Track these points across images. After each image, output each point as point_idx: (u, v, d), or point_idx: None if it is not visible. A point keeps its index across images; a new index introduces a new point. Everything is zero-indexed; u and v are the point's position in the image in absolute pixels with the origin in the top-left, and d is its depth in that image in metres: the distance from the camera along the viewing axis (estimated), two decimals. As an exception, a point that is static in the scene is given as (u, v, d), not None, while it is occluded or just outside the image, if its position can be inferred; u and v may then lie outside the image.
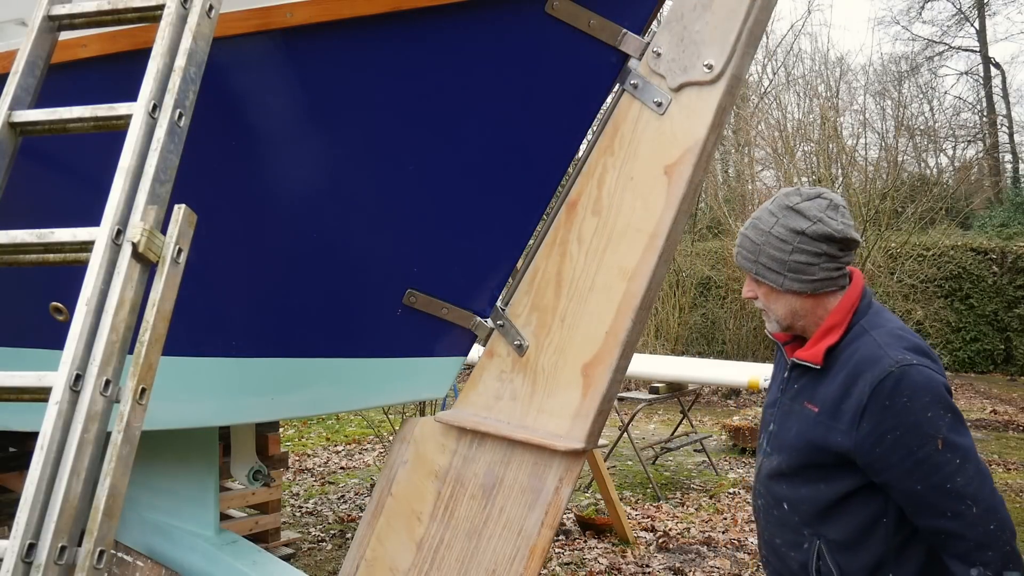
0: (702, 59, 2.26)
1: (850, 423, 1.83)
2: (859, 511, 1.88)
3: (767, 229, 1.96)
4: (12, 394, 1.93)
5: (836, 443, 1.86)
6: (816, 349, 1.95)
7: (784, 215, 1.95)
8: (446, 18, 2.39)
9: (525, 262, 2.63)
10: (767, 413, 2.15)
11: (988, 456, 8.25)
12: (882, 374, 1.80)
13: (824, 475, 1.91)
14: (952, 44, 25.98)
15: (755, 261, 1.97)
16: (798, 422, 1.97)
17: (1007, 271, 14.56)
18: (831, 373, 1.91)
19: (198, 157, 2.32)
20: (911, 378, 1.79)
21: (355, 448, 8.96)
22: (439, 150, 2.56)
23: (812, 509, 1.93)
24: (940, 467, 1.75)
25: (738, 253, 2.02)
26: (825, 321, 1.97)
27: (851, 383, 1.85)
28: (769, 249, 1.95)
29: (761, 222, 1.98)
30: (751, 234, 1.99)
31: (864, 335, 1.91)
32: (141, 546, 3.49)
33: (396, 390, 2.87)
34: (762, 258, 1.96)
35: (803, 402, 1.97)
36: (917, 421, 1.77)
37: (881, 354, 1.84)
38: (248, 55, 2.52)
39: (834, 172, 12.77)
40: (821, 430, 1.89)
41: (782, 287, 1.96)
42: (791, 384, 2.04)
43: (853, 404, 1.83)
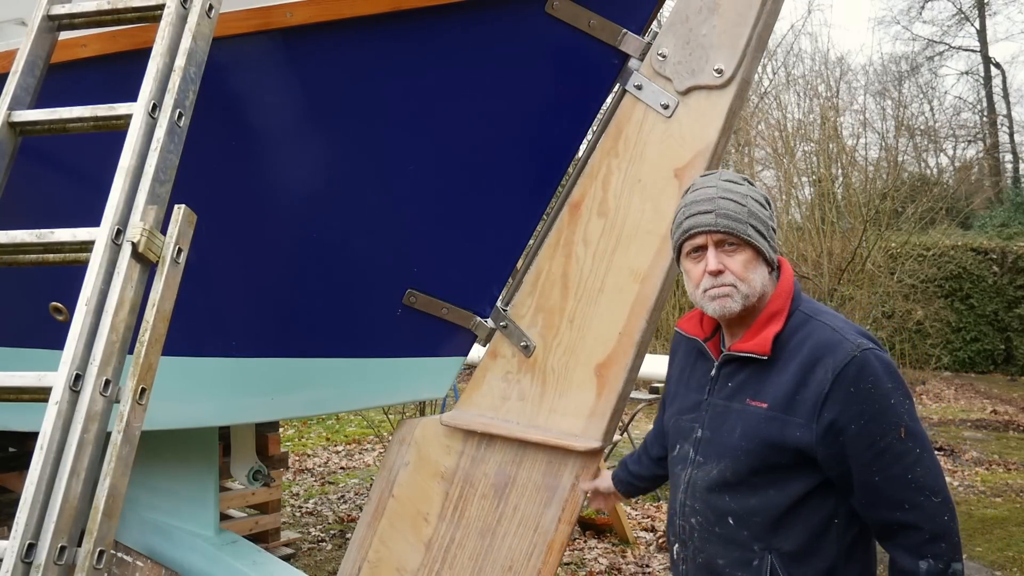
0: (711, 63, 2.27)
1: (809, 415, 1.69)
2: (813, 515, 1.74)
3: (744, 192, 1.80)
4: (12, 394, 1.93)
5: (794, 439, 1.70)
6: (761, 338, 1.78)
7: (742, 183, 1.83)
8: (446, 18, 2.39)
9: (525, 262, 2.63)
10: (683, 420, 1.93)
11: (988, 456, 8.25)
12: (845, 359, 1.68)
13: (776, 479, 1.74)
14: (952, 44, 26.00)
15: (744, 222, 1.77)
16: (742, 422, 1.77)
17: (1007, 271, 14.56)
18: (778, 364, 1.76)
19: (198, 157, 2.32)
20: (873, 363, 1.68)
21: (355, 448, 8.96)
22: (439, 150, 2.56)
23: (764, 520, 1.75)
24: (901, 457, 1.66)
25: (719, 214, 1.76)
26: (766, 307, 1.81)
27: (807, 371, 1.71)
28: (757, 211, 1.79)
29: (735, 187, 1.80)
30: (732, 196, 1.78)
31: (810, 321, 1.79)
32: (141, 546, 3.49)
33: (396, 390, 2.86)
34: (752, 220, 1.78)
35: (745, 400, 1.78)
36: (882, 408, 1.66)
37: (839, 338, 1.72)
38: (248, 55, 2.52)
39: (834, 172, 12.76)
40: (775, 427, 1.72)
41: (767, 254, 1.81)
42: (723, 383, 1.85)
43: (812, 394, 1.69)
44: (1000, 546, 5.61)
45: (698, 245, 1.81)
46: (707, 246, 1.79)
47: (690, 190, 1.86)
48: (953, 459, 8.11)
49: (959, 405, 11.49)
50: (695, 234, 1.80)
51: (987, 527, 6.04)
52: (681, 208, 1.85)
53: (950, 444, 8.64)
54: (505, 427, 2.56)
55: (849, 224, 12.01)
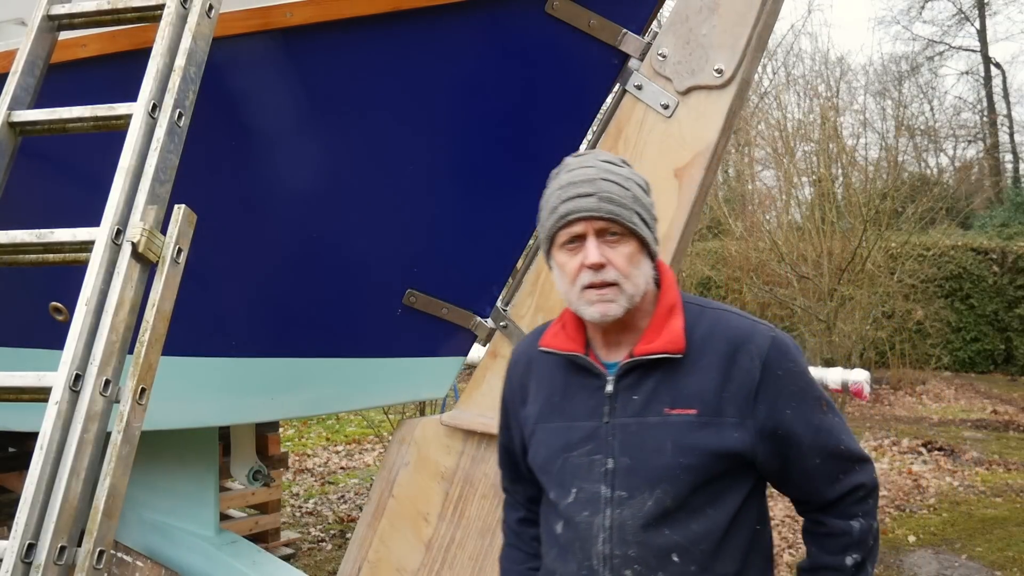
0: (711, 63, 2.27)
1: (742, 411, 1.52)
2: (745, 528, 1.57)
3: (626, 175, 1.58)
4: (12, 394, 1.93)
5: (732, 441, 1.52)
6: (670, 334, 1.56)
7: (622, 164, 1.61)
8: (446, 18, 2.39)
9: (525, 262, 2.63)
10: (574, 457, 1.58)
11: (988, 456, 8.25)
12: (766, 343, 1.55)
13: (714, 495, 1.53)
14: (952, 44, 26.01)
15: (630, 208, 1.54)
16: (671, 437, 1.52)
17: (1007, 271, 14.55)
18: (691, 362, 1.55)
19: (198, 157, 2.32)
20: (787, 342, 1.59)
21: (355, 448, 8.96)
22: (438, 150, 2.56)
23: (708, 547, 1.52)
24: (831, 430, 1.57)
25: (602, 197, 1.52)
26: (661, 300, 1.61)
27: (729, 364, 1.53)
28: (641, 196, 1.57)
29: (612, 166, 1.57)
30: (614, 178, 1.55)
31: (705, 310, 1.62)
32: (141, 546, 3.49)
33: (396, 390, 2.87)
34: (638, 206, 1.56)
35: (662, 410, 1.54)
36: (805, 386, 1.56)
37: (751, 323, 1.59)
38: (248, 55, 2.52)
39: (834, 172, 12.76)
40: (711, 433, 1.51)
41: (652, 246, 1.60)
42: (626, 397, 1.57)
43: (741, 387, 1.53)
44: (1000, 546, 5.61)
45: (576, 234, 1.54)
46: (587, 235, 1.53)
47: (563, 170, 1.61)
48: (953, 459, 8.11)
49: (959, 405, 11.48)
50: (573, 220, 1.54)
51: (987, 527, 6.04)
52: (554, 191, 1.59)
53: (950, 444, 8.63)
54: (505, 427, 2.56)
55: (849, 224, 12.01)
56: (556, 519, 1.61)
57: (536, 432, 1.67)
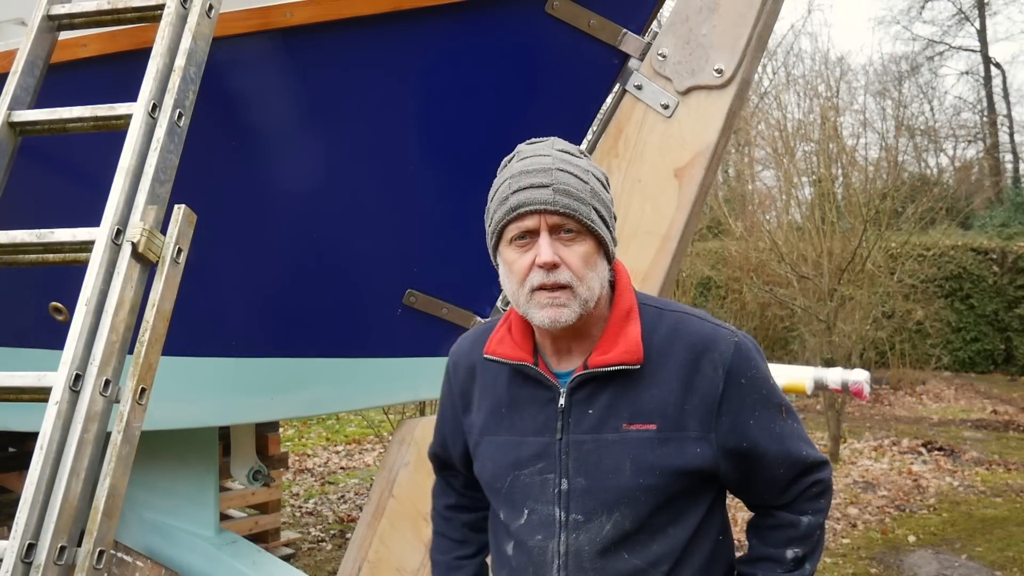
0: (711, 63, 2.27)
1: (704, 423, 1.42)
2: (707, 541, 1.49)
3: (585, 166, 1.44)
4: (12, 394, 1.93)
5: (695, 458, 1.41)
6: (627, 343, 1.43)
7: (580, 155, 1.47)
8: (446, 18, 2.39)
9: (525, 262, 2.62)
10: (525, 476, 1.47)
11: (988, 456, 8.25)
12: (729, 349, 1.43)
13: (675, 514, 1.44)
14: (952, 44, 26.02)
15: (588, 203, 1.40)
16: (630, 455, 1.41)
17: (1007, 271, 14.55)
18: (649, 372, 1.43)
19: (198, 157, 2.32)
20: (749, 346, 1.47)
21: (355, 448, 8.96)
22: (438, 150, 2.56)
23: (670, 566, 1.43)
24: (790, 435, 1.48)
25: (558, 189, 1.38)
26: (616, 304, 1.47)
27: (691, 373, 1.42)
28: (599, 190, 1.44)
29: (569, 161, 1.42)
30: (571, 169, 1.41)
31: (664, 313, 1.49)
32: (141, 546, 3.49)
33: (396, 390, 2.87)
34: (596, 201, 1.42)
35: (619, 425, 1.42)
36: (767, 392, 1.47)
37: (712, 327, 1.47)
38: (248, 55, 2.52)
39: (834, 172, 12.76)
40: (672, 450, 1.40)
41: (611, 245, 1.46)
42: (580, 411, 1.44)
43: (703, 398, 1.42)
44: (1000, 546, 5.61)
45: (527, 229, 1.40)
46: (539, 230, 1.39)
47: (515, 157, 1.47)
48: (953, 459, 8.11)
49: (959, 405, 11.48)
50: (525, 214, 1.39)
51: (987, 527, 6.04)
52: (505, 180, 1.44)
53: (950, 444, 8.63)
54: (505, 427, 2.56)
55: (849, 224, 12.01)
56: (506, 539, 1.51)
57: (482, 445, 1.55)
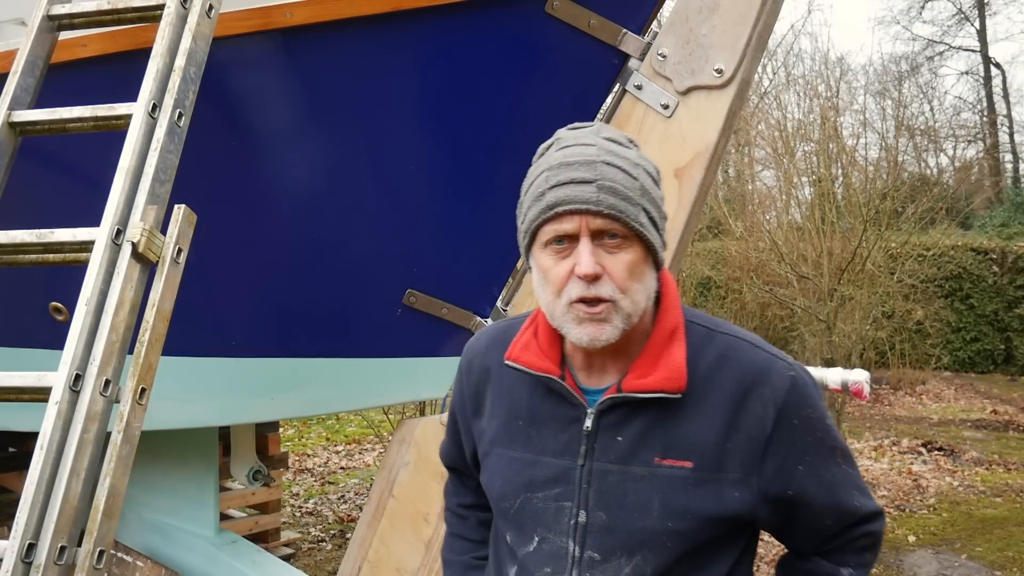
0: (711, 63, 2.27)
1: (746, 466, 1.24)
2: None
3: (635, 159, 1.24)
4: (12, 394, 1.93)
5: (732, 502, 1.24)
6: (669, 368, 1.24)
7: (630, 145, 1.28)
8: (446, 18, 2.39)
9: (525, 263, 2.62)
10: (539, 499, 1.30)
11: (988, 456, 8.25)
12: (784, 385, 1.25)
13: (704, 562, 1.27)
14: (952, 44, 26.03)
15: (637, 203, 1.20)
16: (659, 493, 1.23)
17: (1007, 271, 14.55)
18: (691, 401, 1.25)
19: (198, 157, 2.32)
20: (807, 382, 1.29)
21: (355, 448, 8.96)
22: (438, 150, 2.56)
23: None
24: (844, 483, 1.31)
25: (603, 186, 1.19)
26: (660, 321, 1.29)
27: (737, 407, 1.24)
28: (650, 187, 1.24)
29: (617, 153, 1.22)
30: (619, 162, 1.21)
31: (714, 336, 1.30)
32: (141, 546, 3.49)
33: (396, 390, 2.86)
34: (646, 201, 1.22)
35: (651, 459, 1.25)
36: (822, 436, 1.29)
37: (767, 358, 1.28)
38: (248, 55, 2.52)
39: (834, 172, 12.76)
40: (709, 493, 1.23)
41: (661, 251, 1.27)
42: (608, 437, 1.27)
43: (748, 438, 1.24)
44: (1000, 546, 5.61)
45: (565, 233, 1.22)
46: (579, 235, 1.20)
47: (554, 145, 1.29)
48: (953, 459, 8.11)
49: (959, 405, 11.48)
50: (564, 214, 1.20)
51: (987, 527, 6.04)
52: (542, 172, 1.26)
53: (950, 444, 8.64)
54: (505, 427, 2.56)
55: (849, 224, 12.01)
56: (510, 563, 1.36)
57: (491, 456, 1.39)
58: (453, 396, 1.55)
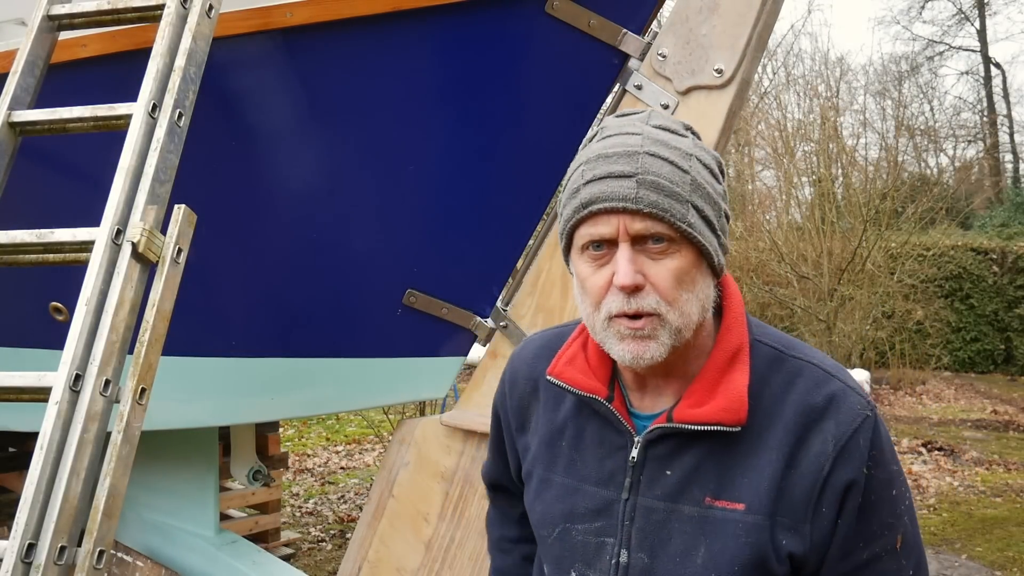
0: (711, 63, 2.27)
1: (802, 511, 1.08)
2: None
3: (687, 149, 1.08)
4: (12, 394, 1.93)
5: (781, 548, 1.08)
6: (729, 397, 1.09)
7: (686, 133, 1.12)
8: (446, 18, 2.39)
9: (525, 262, 2.63)
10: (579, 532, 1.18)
11: (988, 456, 8.26)
12: (854, 422, 1.08)
13: None
14: (952, 44, 26.03)
15: (686, 200, 1.05)
16: (708, 538, 1.10)
17: (1007, 271, 14.56)
18: (752, 435, 1.11)
19: (198, 157, 2.32)
20: (881, 428, 1.11)
21: (355, 448, 8.96)
22: (438, 150, 2.56)
23: None
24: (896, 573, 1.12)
25: (643, 181, 1.04)
26: (722, 339, 1.13)
27: (796, 442, 1.08)
28: (704, 180, 1.08)
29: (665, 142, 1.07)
30: (666, 153, 1.06)
31: (785, 360, 1.14)
32: (141, 546, 3.49)
33: (396, 390, 2.86)
34: (698, 197, 1.07)
35: (703, 499, 1.11)
36: (880, 499, 1.10)
37: (840, 388, 1.10)
38: (248, 55, 2.52)
39: (834, 172, 12.77)
40: (762, 540, 1.08)
41: (718, 256, 1.11)
42: (655, 471, 1.14)
43: (807, 478, 1.07)
44: (1000, 546, 5.61)
45: (602, 237, 1.07)
46: (617, 239, 1.06)
47: (598, 135, 1.14)
48: (953, 459, 8.12)
49: (959, 405, 11.49)
50: (599, 213, 1.06)
51: (987, 527, 6.04)
52: (579, 166, 1.11)
53: (950, 444, 8.64)
54: (505, 427, 2.56)
55: (849, 224, 12.01)
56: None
57: (533, 477, 1.27)
58: (496, 408, 1.42)
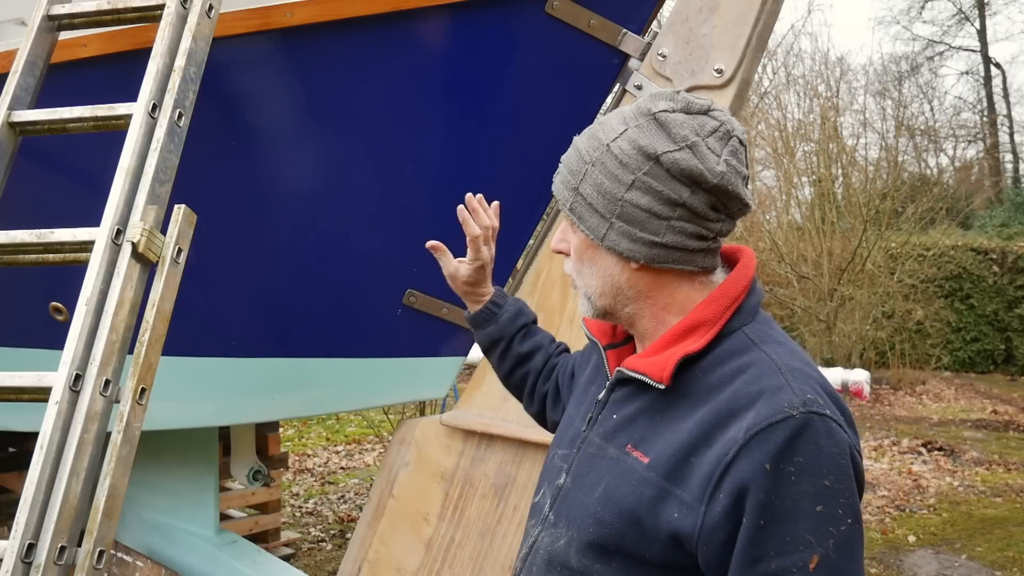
0: (711, 63, 2.27)
1: (699, 490, 1.08)
2: None
3: (606, 141, 1.20)
4: (12, 394, 1.93)
5: (670, 520, 1.10)
6: (662, 358, 1.17)
7: (640, 124, 1.19)
8: (445, 18, 2.39)
9: (525, 262, 2.63)
10: (556, 457, 1.34)
11: (988, 456, 8.26)
12: (771, 416, 1.06)
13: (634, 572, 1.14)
14: (952, 44, 26.04)
15: (574, 189, 1.22)
16: (610, 476, 1.18)
17: (1007, 271, 14.56)
18: (684, 403, 1.16)
19: (198, 157, 2.32)
20: (816, 435, 1.04)
21: (355, 448, 8.96)
22: (438, 150, 2.56)
23: None
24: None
25: (557, 173, 1.27)
26: (685, 317, 1.21)
27: (717, 423, 1.11)
28: (598, 174, 1.20)
29: (603, 129, 1.22)
30: (582, 145, 1.24)
31: (751, 349, 1.17)
32: (141, 546, 3.49)
33: (396, 390, 2.87)
34: (585, 186, 1.21)
35: (624, 444, 1.19)
36: (796, 510, 1.03)
37: (779, 384, 1.10)
38: (248, 55, 2.52)
39: (834, 172, 12.77)
40: (647, 495, 1.12)
41: (603, 241, 1.21)
42: (608, 412, 1.26)
43: (712, 458, 1.08)
44: (1000, 546, 5.61)
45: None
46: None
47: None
48: (953, 459, 8.12)
49: (959, 405, 11.48)
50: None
51: (987, 527, 6.04)
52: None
53: (950, 444, 8.64)
54: (505, 427, 2.56)
55: (849, 224, 12.02)
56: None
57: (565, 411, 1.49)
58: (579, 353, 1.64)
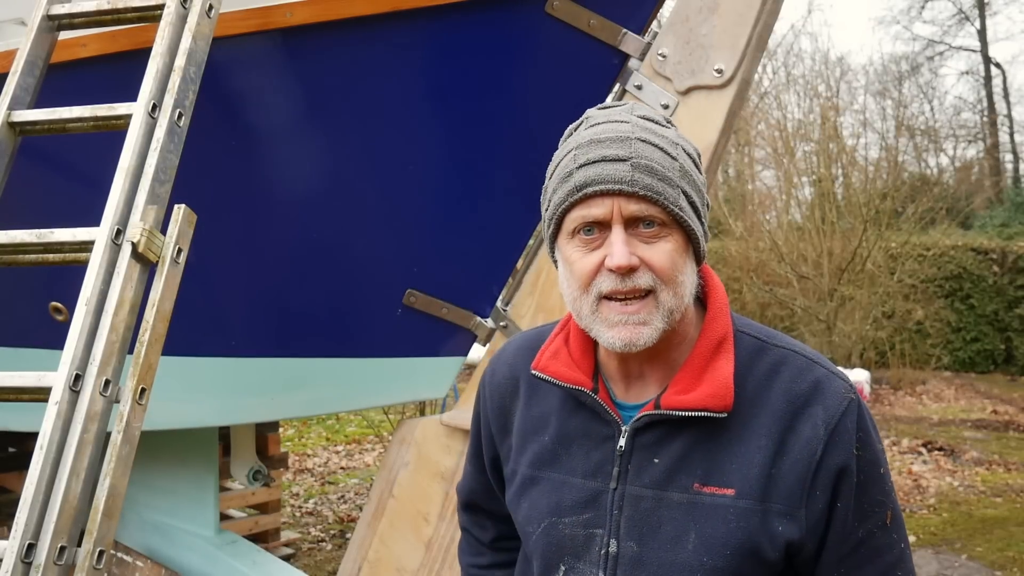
0: (711, 63, 2.27)
1: (795, 496, 1.08)
2: None
3: (671, 138, 1.11)
4: (12, 394, 1.92)
5: (777, 538, 1.08)
6: (715, 383, 1.10)
7: (668, 125, 1.15)
8: (446, 18, 2.39)
9: (525, 262, 2.63)
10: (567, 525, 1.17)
11: (988, 456, 8.25)
12: (840, 406, 1.09)
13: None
14: (953, 44, 26.04)
15: (676, 185, 1.08)
16: (697, 524, 1.10)
17: (1007, 271, 14.55)
18: (732, 421, 1.11)
19: (198, 157, 2.32)
20: (864, 407, 1.13)
21: (355, 448, 8.95)
22: (438, 150, 2.56)
23: None
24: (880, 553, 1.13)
25: (637, 165, 1.05)
26: (707, 328, 1.14)
27: (785, 428, 1.09)
28: (690, 169, 1.11)
29: (654, 131, 1.10)
30: (657, 140, 1.09)
31: (766, 348, 1.15)
32: (141, 546, 3.49)
33: (396, 390, 2.86)
34: (686, 184, 1.09)
35: (691, 485, 1.11)
36: (869, 478, 1.12)
37: (825, 374, 1.12)
38: (248, 55, 2.52)
39: (834, 172, 12.76)
40: (753, 525, 1.08)
41: (703, 242, 1.13)
42: (643, 460, 1.14)
43: (799, 463, 1.08)
44: (1000, 546, 5.61)
45: (595, 220, 1.07)
46: (611, 222, 1.07)
47: (584, 124, 1.16)
48: (953, 459, 8.11)
49: (959, 405, 11.48)
50: (594, 195, 1.06)
51: (987, 527, 6.04)
52: (570, 151, 1.12)
53: (950, 444, 8.64)
54: (505, 427, 2.56)
55: (849, 224, 12.01)
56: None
57: (518, 475, 1.25)
58: (476, 416, 1.40)
